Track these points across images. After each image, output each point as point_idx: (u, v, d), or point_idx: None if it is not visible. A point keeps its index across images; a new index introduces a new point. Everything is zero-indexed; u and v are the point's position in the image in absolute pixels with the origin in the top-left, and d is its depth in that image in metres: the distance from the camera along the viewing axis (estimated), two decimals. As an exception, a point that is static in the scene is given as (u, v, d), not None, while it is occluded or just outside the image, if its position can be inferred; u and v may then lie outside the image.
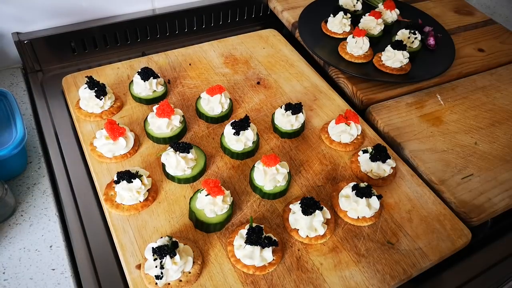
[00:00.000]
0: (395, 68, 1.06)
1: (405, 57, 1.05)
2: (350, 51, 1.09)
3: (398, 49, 1.05)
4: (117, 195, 0.75)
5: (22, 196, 0.79)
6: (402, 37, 1.13)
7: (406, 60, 1.06)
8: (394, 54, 1.05)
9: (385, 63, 1.07)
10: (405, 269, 0.72)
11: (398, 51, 1.05)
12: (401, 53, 1.05)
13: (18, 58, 1.04)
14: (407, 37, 1.13)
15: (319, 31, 1.18)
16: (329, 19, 1.18)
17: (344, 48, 1.11)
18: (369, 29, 1.16)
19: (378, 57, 1.09)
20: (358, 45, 1.07)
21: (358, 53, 1.08)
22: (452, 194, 0.84)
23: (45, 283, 0.67)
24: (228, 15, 1.25)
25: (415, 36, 1.13)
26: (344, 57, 1.09)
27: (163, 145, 0.87)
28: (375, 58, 1.10)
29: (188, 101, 0.98)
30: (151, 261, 0.65)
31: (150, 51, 1.15)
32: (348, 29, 1.16)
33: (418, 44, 1.13)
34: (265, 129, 0.94)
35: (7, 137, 0.77)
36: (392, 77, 1.06)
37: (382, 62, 1.07)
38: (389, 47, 1.07)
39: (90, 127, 0.89)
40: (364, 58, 1.08)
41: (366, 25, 1.17)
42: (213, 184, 0.71)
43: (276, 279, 0.69)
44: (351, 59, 1.08)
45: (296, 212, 0.74)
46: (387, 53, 1.07)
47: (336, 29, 1.16)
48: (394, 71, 1.06)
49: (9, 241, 0.72)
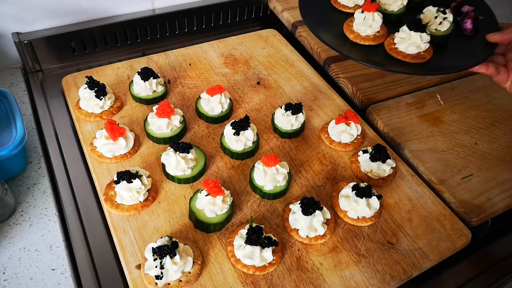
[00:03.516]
0: (409, 54, 0.83)
1: (424, 40, 0.82)
2: (357, 29, 0.87)
3: (415, 30, 0.82)
4: (117, 195, 0.75)
5: (22, 196, 0.79)
6: (428, 16, 0.89)
7: (425, 45, 0.83)
8: (409, 36, 0.83)
9: (398, 47, 0.84)
10: (405, 269, 0.72)
11: (415, 33, 0.82)
12: (418, 35, 0.82)
13: (18, 58, 1.04)
14: (433, 17, 0.88)
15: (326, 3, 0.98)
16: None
17: (351, 25, 0.89)
18: (388, 4, 0.92)
19: (391, 39, 0.86)
20: (367, 22, 0.86)
21: (366, 32, 0.86)
22: (452, 194, 0.84)
23: (45, 283, 0.67)
24: (228, 15, 1.25)
25: (445, 16, 0.87)
26: (349, 37, 0.88)
27: (163, 145, 0.87)
28: (388, 40, 0.87)
29: (188, 101, 0.98)
30: (151, 261, 0.65)
31: (150, 51, 1.15)
32: (362, 1, 0.94)
33: (449, 27, 0.87)
34: (265, 129, 0.94)
35: (7, 137, 0.77)
36: (403, 65, 0.83)
37: (395, 46, 0.85)
38: (404, 27, 0.84)
39: (90, 127, 0.89)
40: (373, 40, 0.87)
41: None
42: (213, 184, 0.71)
43: (276, 279, 0.69)
44: (355, 40, 0.87)
45: (296, 212, 0.74)
46: (401, 34, 0.84)
47: (346, 0, 0.94)
48: (408, 58, 0.83)
49: (9, 241, 0.72)
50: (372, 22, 0.86)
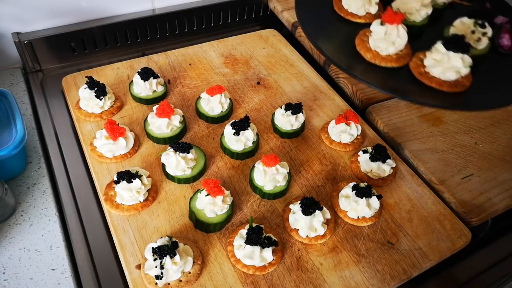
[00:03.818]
0: (446, 81, 0.66)
1: (466, 64, 0.66)
2: (375, 46, 0.71)
3: (455, 50, 0.65)
4: (117, 195, 0.75)
5: (22, 196, 0.79)
6: (462, 30, 0.72)
7: (466, 70, 0.66)
8: (447, 58, 0.66)
9: (431, 71, 0.67)
10: (405, 269, 0.72)
11: (454, 53, 0.65)
12: (459, 57, 0.65)
13: (18, 58, 1.04)
14: (469, 32, 0.72)
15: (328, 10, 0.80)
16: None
17: (365, 41, 0.72)
18: (408, 13, 0.76)
19: (418, 60, 0.70)
20: (389, 38, 0.69)
21: (388, 51, 0.69)
22: (452, 194, 0.84)
23: (45, 283, 0.67)
24: (228, 15, 1.25)
25: (484, 30, 0.72)
26: (364, 56, 0.71)
27: (163, 145, 0.87)
28: (414, 60, 0.70)
29: (188, 101, 0.98)
30: (151, 261, 0.65)
31: (150, 51, 1.15)
32: (374, 9, 0.78)
33: (487, 44, 0.73)
34: (265, 129, 0.94)
35: (7, 137, 0.77)
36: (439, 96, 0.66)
37: (425, 69, 0.68)
38: (439, 44, 0.67)
39: (90, 127, 0.89)
40: (396, 60, 0.69)
41: (403, 5, 0.77)
42: (213, 184, 0.71)
43: (276, 279, 0.69)
44: (374, 60, 0.70)
45: (296, 212, 0.74)
46: (436, 54, 0.67)
47: (355, 8, 0.78)
48: (445, 86, 0.65)
49: (9, 241, 0.72)
50: (396, 38, 0.68)
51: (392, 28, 0.68)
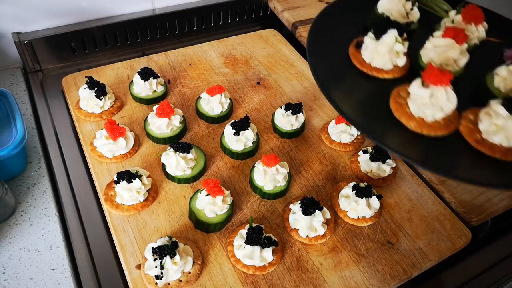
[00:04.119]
0: None
1: None
2: (419, 112, 0.56)
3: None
4: (117, 195, 0.75)
5: (22, 196, 0.79)
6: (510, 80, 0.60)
7: None
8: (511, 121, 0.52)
9: (490, 138, 0.54)
10: (405, 269, 0.72)
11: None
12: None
13: (18, 58, 1.04)
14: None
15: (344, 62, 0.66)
16: (367, 42, 0.64)
17: (404, 104, 0.58)
18: (444, 64, 0.63)
19: (469, 123, 0.57)
20: (437, 102, 0.54)
21: (435, 116, 0.55)
22: (452, 194, 0.84)
23: (45, 283, 0.67)
24: (228, 15, 1.25)
25: None
26: (407, 125, 0.56)
27: (163, 145, 0.87)
28: (464, 124, 0.57)
29: (188, 101, 0.98)
30: (151, 261, 0.65)
31: (150, 51, 1.15)
32: (402, 61, 0.63)
33: None
34: (265, 129, 0.94)
35: (7, 137, 0.77)
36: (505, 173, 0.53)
37: (482, 135, 0.55)
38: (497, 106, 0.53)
39: (90, 127, 0.89)
40: (446, 127, 0.56)
41: (438, 55, 0.62)
42: (213, 184, 0.71)
43: (276, 279, 0.69)
44: (420, 130, 0.56)
45: (296, 212, 0.74)
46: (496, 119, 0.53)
47: (380, 62, 0.63)
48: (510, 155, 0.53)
49: (9, 241, 0.72)
50: (445, 102, 0.54)
51: (439, 90, 0.54)
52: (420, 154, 0.54)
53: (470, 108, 0.59)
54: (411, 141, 0.56)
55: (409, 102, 0.57)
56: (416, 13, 0.72)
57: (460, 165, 0.54)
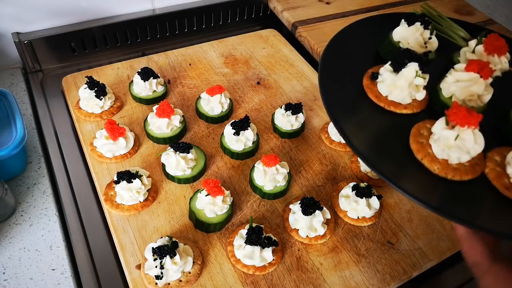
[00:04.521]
0: None
1: None
2: (443, 154, 0.52)
3: None
4: (117, 195, 0.75)
5: (22, 196, 0.79)
6: None
7: None
8: None
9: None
10: (405, 269, 0.72)
11: None
12: None
13: (18, 58, 1.04)
14: None
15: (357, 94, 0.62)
16: (384, 75, 0.61)
17: (426, 145, 0.54)
18: (467, 99, 0.58)
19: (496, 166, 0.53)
20: (464, 145, 0.51)
21: (461, 159, 0.51)
22: (452, 194, 0.83)
23: (45, 283, 0.67)
24: (228, 15, 1.25)
25: None
26: (430, 169, 0.52)
27: (163, 145, 0.87)
28: (491, 167, 0.53)
29: (188, 101, 0.98)
30: (151, 261, 0.65)
31: (150, 51, 1.15)
32: (421, 95, 0.60)
33: None
34: (265, 129, 0.94)
35: (7, 137, 0.77)
36: None
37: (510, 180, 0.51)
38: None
39: (90, 127, 0.89)
40: (472, 171, 0.52)
41: (460, 90, 0.58)
42: (213, 184, 0.71)
43: (276, 279, 0.69)
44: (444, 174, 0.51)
45: (296, 212, 0.74)
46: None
47: (399, 96, 0.59)
48: None
49: (9, 241, 0.72)
50: (473, 145, 0.50)
51: (466, 132, 0.49)
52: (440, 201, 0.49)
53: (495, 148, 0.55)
54: (429, 185, 0.50)
55: (432, 142, 0.52)
56: (434, 42, 0.67)
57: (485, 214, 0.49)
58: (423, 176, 0.52)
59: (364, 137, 0.56)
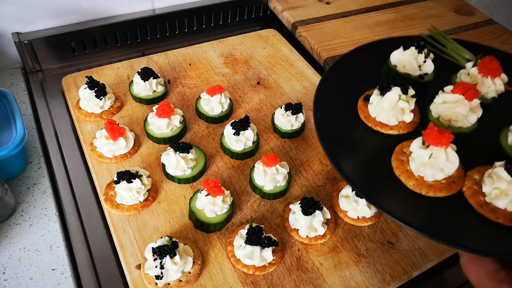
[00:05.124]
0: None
1: None
2: (418, 171, 0.55)
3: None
4: (117, 195, 0.75)
5: (22, 196, 0.79)
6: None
7: None
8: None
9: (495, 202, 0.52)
10: (405, 269, 0.72)
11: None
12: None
13: (18, 58, 1.04)
14: None
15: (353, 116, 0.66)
16: (372, 97, 0.64)
17: (405, 162, 0.57)
18: (453, 120, 0.61)
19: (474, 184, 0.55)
20: (437, 163, 0.53)
21: (435, 177, 0.54)
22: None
23: (45, 283, 0.67)
24: (228, 15, 1.25)
25: None
26: (406, 184, 0.55)
27: (163, 145, 0.87)
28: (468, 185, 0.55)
29: (188, 101, 0.98)
30: (151, 261, 0.65)
31: (150, 51, 1.15)
32: (409, 117, 0.62)
33: None
34: (265, 129, 0.94)
35: (7, 137, 0.77)
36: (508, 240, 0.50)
37: (485, 198, 0.53)
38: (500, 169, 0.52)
39: (90, 127, 0.89)
40: (447, 188, 0.54)
41: (446, 110, 0.61)
42: (213, 184, 0.71)
43: (276, 279, 0.69)
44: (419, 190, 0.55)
45: (296, 212, 0.74)
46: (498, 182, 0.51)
47: (384, 117, 0.62)
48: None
49: (9, 241, 0.72)
50: (445, 163, 0.52)
51: (438, 151, 0.52)
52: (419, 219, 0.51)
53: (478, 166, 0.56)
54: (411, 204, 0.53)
55: (410, 160, 0.55)
56: (429, 65, 0.69)
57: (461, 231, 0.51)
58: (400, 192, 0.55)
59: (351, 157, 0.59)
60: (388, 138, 0.62)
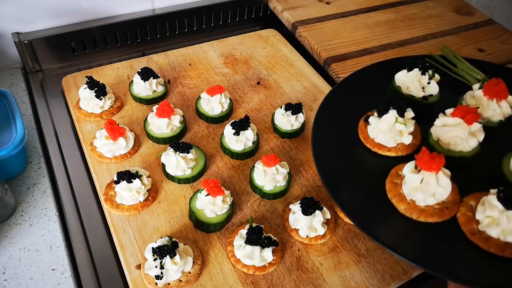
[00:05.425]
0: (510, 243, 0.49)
1: None
2: (410, 195, 0.55)
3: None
4: (117, 195, 0.76)
5: (22, 196, 0.79)
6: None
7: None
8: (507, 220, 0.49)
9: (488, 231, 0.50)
10: (405, 269, 0.72)
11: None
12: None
13: (18, 58, 1.04)
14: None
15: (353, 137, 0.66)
16: (371, 118, 0.65)
17: (399, 185, 0.57)
18: (452, 144, 0.60)
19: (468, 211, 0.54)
20: (428, 188, 0.53)
21: (426, 202, 0.53)
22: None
23: (45, 283, 0.67)
24: (228, 15, 1.25)
25: None
26: (397, 207, 0.55)
27: (163, 145, 0.87)
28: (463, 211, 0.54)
29: (188, 101, 0.98)
30: (151, 261, 0.65)
31: (150, 51, 1.15)
32: (408, 139, 0.62)
33: None
34: (265, 129, 0.94)
35: (7, 137, 0.77)
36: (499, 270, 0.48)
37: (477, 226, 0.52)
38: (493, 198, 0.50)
39: (90, 127, 0.89)
40: (439, 214, 0.53)
41: (444, 134, 0.60)
42: (213, 184, 0.71)
43: (276, 279, 0.69)
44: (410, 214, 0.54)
45: (296, 212, 0.74)
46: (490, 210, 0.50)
47: (382, 139, 0.62)
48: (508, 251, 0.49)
49: (9, 241, 0.72)
50: (436, 188, 0.51)
51: (430, 176, 0.51)
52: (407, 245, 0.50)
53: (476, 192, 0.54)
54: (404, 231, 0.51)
55: (402, 183, 0.55)
56: (433, 87, 0.68)
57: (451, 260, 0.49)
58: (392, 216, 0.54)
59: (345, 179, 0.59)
60: (386, 160, 0.61)
